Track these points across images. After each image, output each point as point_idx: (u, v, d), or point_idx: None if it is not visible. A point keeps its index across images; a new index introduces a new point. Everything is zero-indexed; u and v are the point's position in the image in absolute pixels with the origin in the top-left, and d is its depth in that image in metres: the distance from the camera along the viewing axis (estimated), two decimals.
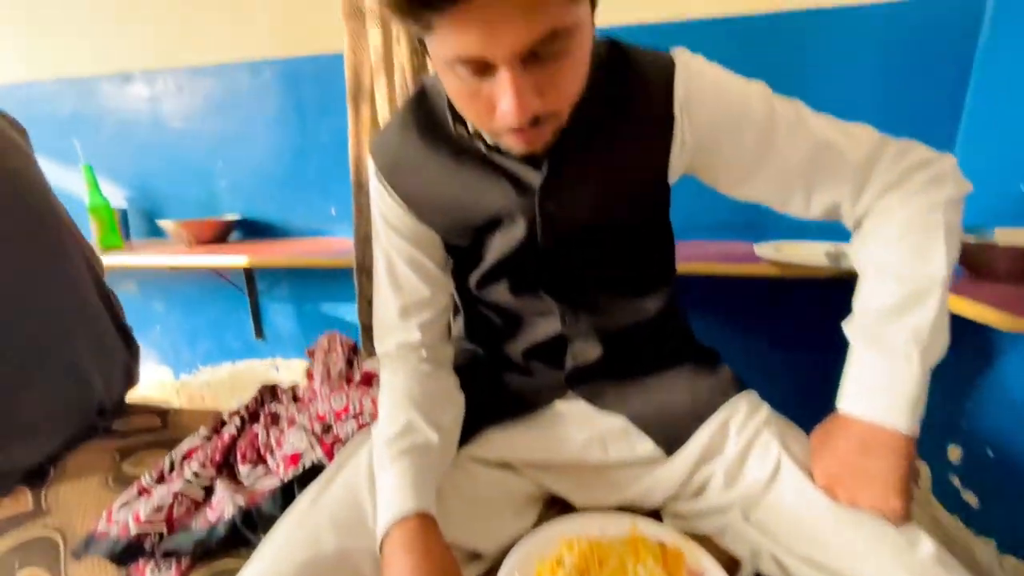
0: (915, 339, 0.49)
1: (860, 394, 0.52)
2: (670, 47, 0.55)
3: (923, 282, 0.50)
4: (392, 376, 0.63)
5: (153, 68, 1.50)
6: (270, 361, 1.71)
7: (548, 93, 0.43)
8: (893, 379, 0.49)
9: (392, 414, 0.58)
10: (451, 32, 0.39)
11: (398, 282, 0.63)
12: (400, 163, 0.58)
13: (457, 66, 0.41)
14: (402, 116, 0.59)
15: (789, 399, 1.32)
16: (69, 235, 0.85)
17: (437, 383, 0.64)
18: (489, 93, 0.42)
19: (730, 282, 1.11)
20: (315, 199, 1.50)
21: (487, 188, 0.56)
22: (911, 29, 1.05)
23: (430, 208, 0.59)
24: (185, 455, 0.73)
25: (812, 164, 0.53)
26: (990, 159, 1.00)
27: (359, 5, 0.89)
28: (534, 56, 0.40)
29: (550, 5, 0.38)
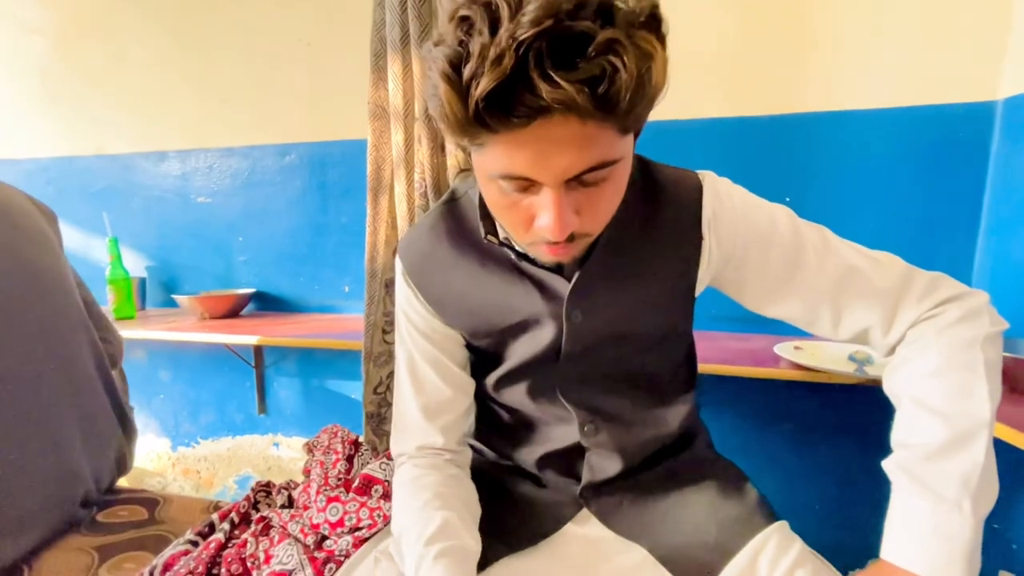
0: (965, 486, 0.45)
1: (910, 543, 0.47)
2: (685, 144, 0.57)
3: (967, 423, 0.47)
4: (417, 474, 0.60)
5: (188, 148, 1.58)
6: (271, 437, 1.66)
7: (586, 214, 0.44)
8: (946, 531, 0.45)
9: (424, 513, 0.54)
10: (502, 151, 0.40)
11: (420, 382, 0.62)
12: (428, 265, 0.59)
13: (501, 180, 0.43)
14: (432, 219, 0.60)
15: (811, 509, 1.23)
16: (80, 325, 0.85)
17: (465, 490, 0.61)
18: (528, 206, 0.44)
19: (748, 381, 1.06)
20: (330, 276, 1.51)
21: (515, 293, 0.57)
22: (924, 134, 1.06)
23: (456, 311, 0.60)
24: (166, 564, 0.68)
25: (839, 288, 0.53)
26: (1015, 267, 0.98)
27: (384, 106, 0.94)
28: (578, 180, 0.42)
29: (601, 140, 0.40)
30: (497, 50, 0.34)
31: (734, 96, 1.15)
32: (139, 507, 0.92)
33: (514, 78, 0.35)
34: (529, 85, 0.35)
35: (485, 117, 0.37)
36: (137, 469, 1.79)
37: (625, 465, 0.62)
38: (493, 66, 0.35)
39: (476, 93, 0.36)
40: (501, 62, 0.34)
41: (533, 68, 0.35)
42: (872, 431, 1.13)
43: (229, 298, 1.45)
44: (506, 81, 0.35)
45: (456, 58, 0.37)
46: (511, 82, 0.35)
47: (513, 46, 0.34)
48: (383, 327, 1.01)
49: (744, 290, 0.58)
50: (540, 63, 0.35)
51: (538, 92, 0.35)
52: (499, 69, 0.35)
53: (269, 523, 0.71)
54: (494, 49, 0.35)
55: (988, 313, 0.51)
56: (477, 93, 0.36)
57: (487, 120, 0.37)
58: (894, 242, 1.10)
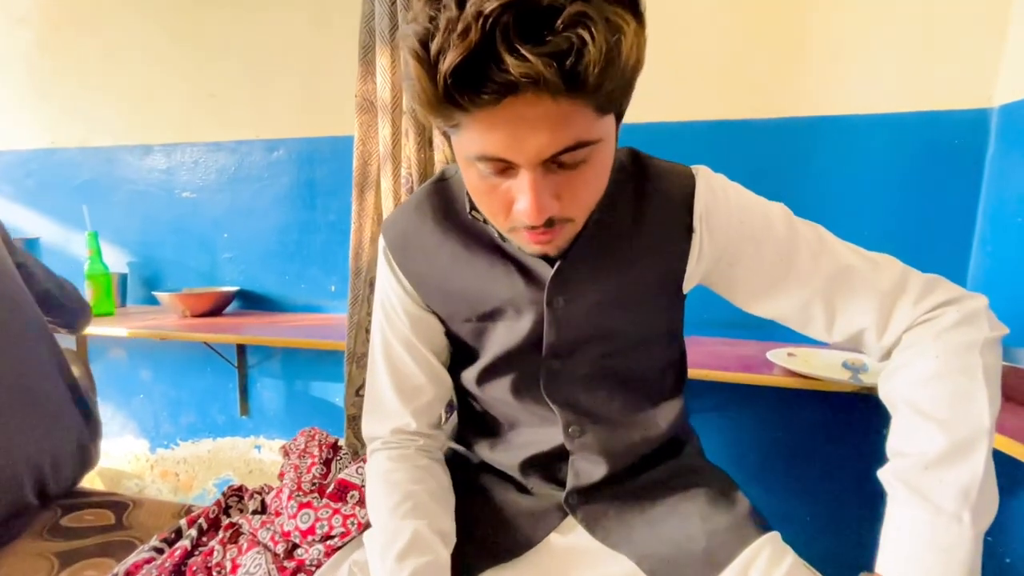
0: (965, 498, 0.43)
1: (906, 556, 0.44)
2: (681, 145, 0.56)
3: (966, 431, 0.45)
4: (389, 468, 0.58)
5: (174, 142, 1.55)
6: (253, 439, 1.62)
7: (565, 198, 0.43)
8: (945, 543, 0.43)
9: (394, 521, 0.53)
10: (477, 132, 0.40)
11: (394, 365, 0.61)
12: (411, 243, 0.58)
13: (479, 163, 0.42)
14: (418, 198, 0.59)
15: (802, 517, 1.21)
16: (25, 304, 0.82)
17: (436, 481, 0.59)
18: (507, 191, 0.43)
19: (740, 388, 1.04)
20: (316, 275, 1.48)
21: (497, 276, 0.55)
22: (918, 139, 1.05)
23: (437, 291, 0.59)
24: (128, 572, 0.65)
25: (834, 287, 0.52)
26: (1010, 275, 0.97)
27: (372, 100, 0.91)
28: (555, 162, 0.41)
29: (577, 118, 0.39)
30: (464, 24, 0.34)
31: (731, 99, 1.14)
32: (107, 511, 0.89)
33: (481, 52, 0.34)
34: (496, 60, 0.34)
35: (454, 94, 0.36)
36: (114, 471, 1.74)
37: (611, 470, 0.60)
38: (459, 40, 0.34)
39: (443, 68, 0.35)
40: (467, 36, 0.34)
41: (500, 42, 0.34)
42: (867, 440, 1.11)
43: (212, 296, 1.41)
44: (472, 55, 0.34)
45: (425, 35, 0.36)
46: (478, 56, 0.34)
47: (479, 20, 0.33)
48: (367, 327, 0.98)
49: (736, 287, 0.57)
50: (507, 37, 0.34)
51: (505, 67, 0.34)
52: (465, 43, 0.34)
53: (239, 530, 0.68)
54: (461, 23, 0.34)
55: (987, 317, 0.49)
56: (444, 68, 0.35)
57: (456, 97, 0.36)
58: (889, 246, 1.06)
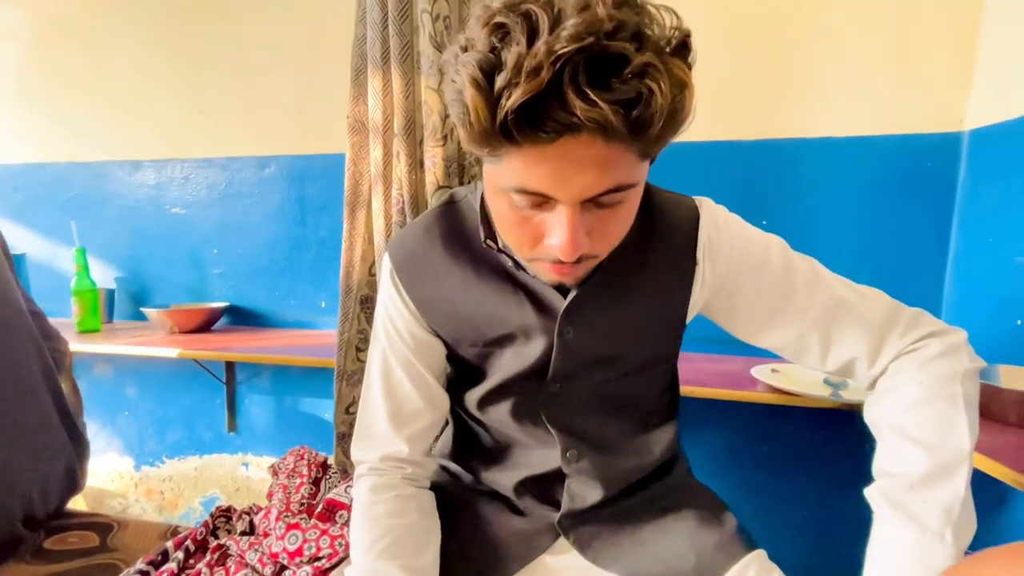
0: (947, 517, 0.45)
1: (892, 573, 0.46)
2: (666, 167, 0.57)
3: (949, 454, 0.47)
4: (371, 501, 0.57)
5: (164, 157, 1.55)
6: (240, 457, 1.60)
7: (596, 236, 0.44)
8: (929, 561, 0.44)
9: (368, 562, 0.53)
10: (521, 165, 0.39)
11: (391, 389, 0.60)
12: (418, 265, 0.58)
13: (515, 194, 0.41)
14: (427, 221, 0.59)
15: (787, 534, 1.22)
16: (26, 335, 0.81)
17: (419, 512, 0.59)
18: (540, 223, 0.43)
19: (724, 404, 1.06)
20: (307, 291, 1.48)
21: (508, 304, 0.55)
22: (894, 161, 1.09)
23: (444, 315, 0.58)
24: None
25: (829, 318, 0.54)
26: (984, 296, 1.00)
27: (363, 121, 0.93)
28: (594, 202, 0.41)
29: (622, 162, 0.39)
30: (534, 61, 0.33)
31: (716, 121, 1.17)
32: (91, 533, 0.87)
33: (548, 92, 0.34)
34: (562, 101, 0.34)
35: (512, 129, 0.36)
36: (96, 490, 1.71)
37: (606, 494, 0.60)
38: (529, 77, 0.34)
39: (507, 104, 0.35)
40: (538, 74, 0.33)
41: (568, 84, 0.34)
42: (848, 457, 1.13)
43: (200, 312, 1.41)
44: (540, 95, 0.34)
45: (488, 65, 0.35)
46: (544, 96, 0.34)
47: (551, 59, 0.33)
48: (357, 345, 0.99)
49: (736, 318, 0.59)
50: (575, 79, 0.34)
51: (571, 108, 0.34)
52: (535, 81, 0.34)
53: (226, 552, 0.67)
54: (530, 60, 0.33)
55: (967, 350, 0.52)
56: (508, 104, 0.35)
57: (514, 132, 0.36)
58: (866, 266, 1.12)
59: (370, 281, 0.98)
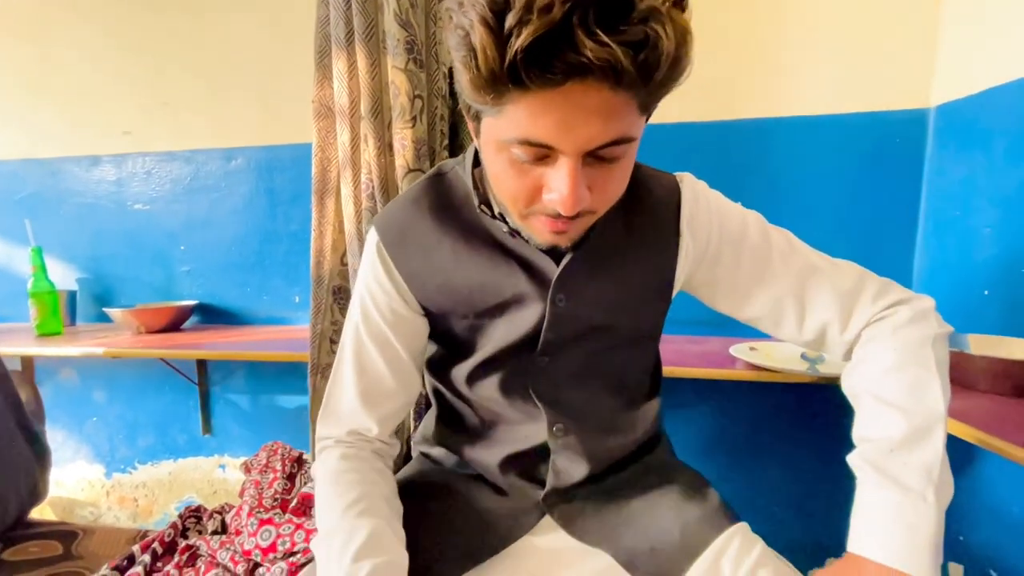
0: (928, 476, 0.46)
1: (876, 535, 0.46)
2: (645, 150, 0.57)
3: (924, 416, 0.48)
4: (343, 468, 0.56)
5: (124, 152, 1.49)
6: (216, 459, 1.56)
7: (596, 192, 0.44)
8: (911, 520, 0.45)
9: (348, 520, 0.50)
10: (525, 114, 0.39)
11: (363, 367, 0.59)
12: (407, 238, 0.57)
13: (516, 147, 0.41)
14: (415, 193, 0.58)
15: (769, 508, 1.24)
16: None
17: (389, 488, 0.58)
18: (538, 177, 0.43)
19: (705, 384, 1.07)
20: (279, 286, 1.44)
21: (499, 273, 0.55)
22: (863, 138, 1.11)
23: (434, 287, 0.57)
24: None
25: (803, 285, 0.56)
26: (952, 268, 1.02)
27: (329, 105, 0.90)
28: (595, 155, 0.41)
29: (625, 113, 0.40)
30: (546, 0, 0.33)
31: (686, 102, 1.17)
32: (53, 542, 0.83)
33: (559, 31, 0.34)
34: (572, 42, 0.34)
35: (521, 70, 0.35)
36: (66, 500, 1.65)
37: (592, 470, 0.60)
38: (540, 15, 0.33)
39: (517, 43, 0.34)
40: (550, 11, 0.33)
41: (578, 24, 0.34)
42: (826, 429, 1.15)
43: (168, 310, 1.36)
44: (550, 33, 0.34)
45: (498, 5, 0.35)
46: (555, 35, 0.34)
47: None
48: (331, 337, 0.96)
49: (717, 291, 0.60)
50: (586, 20, 0.34)
51: (581, 49, 0.34)
52: (547, 19, 0.33)
53: (196, 552, 0.65)
54: None
55: (935, 316, 0.54)
56: (519, 43, 0.34)
57: (522, 74, 0.36)
58: (839, 241, 1.14)
59: (342, 271, 0.95)
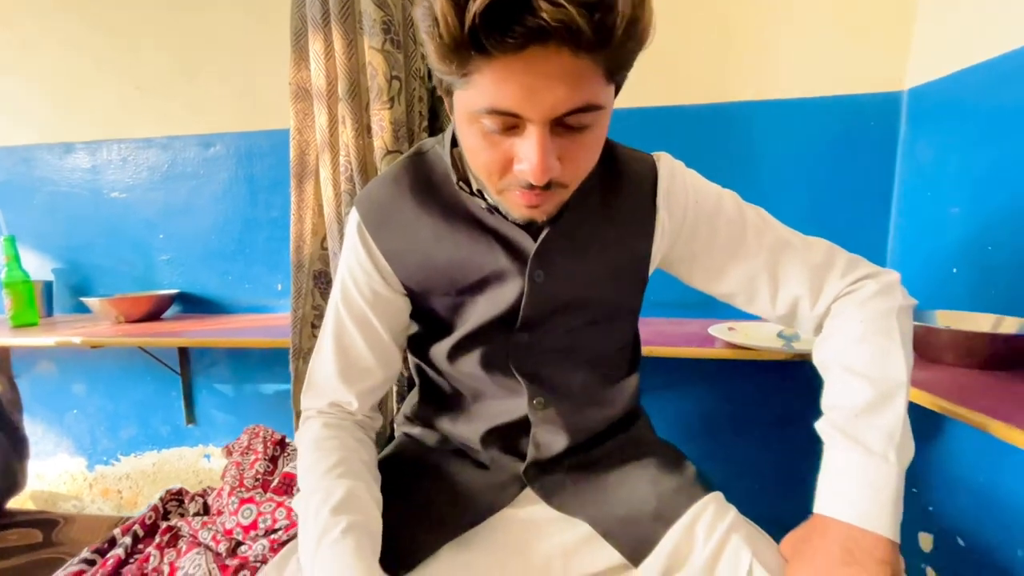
0: (889, 439, 0.48)
1: (840, 495, 0.48)
2: (618, 133, 0.59)
3: (888, 384, 0.51)
4: (324, 435, 0.57)
5: (98, 139, 1.45)
6: (201, 449, 1.55)
7: (566, 162, 0.44)
8: (874, 479, 0.47)
9: (328, 480, 0.52)
10: (490, 82, 0.39)
11: (343, 347, 0.60)
12: (388, 216, 0.57)
13: (485, 118, 0.42)
14: (395, 171, 0.58)
15: (747, 485, 1.27)
16: None
17: (369, 456, 0.59)
18: (509, 148, 0.43)
19: (684, 365, 1.09)
20: (261, 274, 1.43)
21: (479, 251, 0.56)
22: (837, 121, 1.12)
23: (415, 265, 0.58)
24: None
25: (776, 261, 0.58)
26: (923, 246, 1.05)
27: (306, 87, 0.89)
28: (563, 124, 0.42)
29: (590, 79, 0.40)
30: None
31: (664, 85, 1.18)
32: (33, 530, 0.83)
33: None
34: (528, 5, 0.35)
35: (481, 35, 0.36)
36: (47, 493, 1.63)
37: (571, 442, 0.61)
38: None
39: (475, 7, 0.35)
40: None
41: None
42: (801, 405, 1.17)
43: (148, 299, 1.34)
44: None
45: None
46: (511, 0, 0.35)
47: None
48: (312, 321, 0.96)
49: (694, 267, 0.61)
50: None
51: (538, 12, 0.35)
52: None
53: (178, 533, 0.65)
54: None
55: (900, 290, 0.57)
56: (476, 7, 0.35)
57: (482, 39, 0.36)
58: (814, 224, 1.14)
59: (322, 255, 0.95)
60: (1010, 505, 0.85)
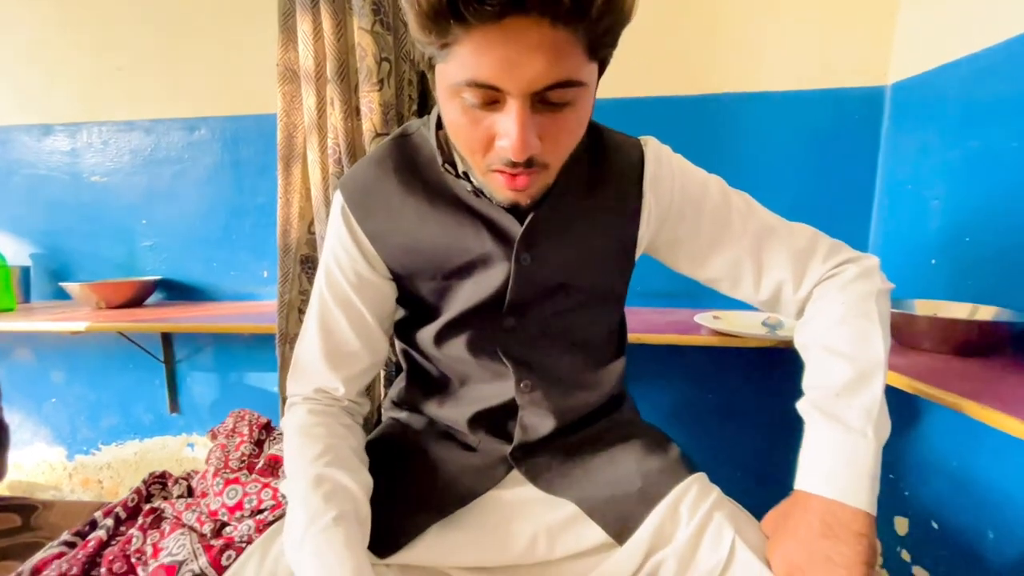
0: (868, 416, 0.50)
1: (820, 471, 0.50)
2: (610, 124, 0.60)
3: (867, 364, 0.52)
4: (311, 422, 0.56)
5: (78, 121, 1.42)
6: (184, 438, 1.53)
7: (547, 141, 0.44)
8: (852, 456, 0.49)
9: (316, 469, 0.51)
10: (470, 54, 0.39)
11: (328, 330, 0.59)
12: (372, 199, 0.56)
13: (465, 92, 0.41)
14: (380, 153, 0.58)
15: (730, 465, 1.29)
16: None
17: (357, 442, 0.59)
18: (490, 125, 0.43)
19: (668, 348, 1.10)
20: (246, 261, 1.41)
21: (465, 234, 0.55)
22: (821, 115, 1.14)
23: (400, 249, 0.57)
24: (35, 569, 0.60)
25: (760, 246, 0.59)
26: (903, 238, 1.07)
27: (294, 69, 0.88)
28: (543, 100, 0.41)
29: (571, 53, 0.40)
30: None
31: (651, 77, 1.18)
32: (11, 515, 0.81)
33: None
34: None
35: (459, 3, 0.36)
36: (25, 483, 1.60)
37: (558, 425, 0.62)
38: None
39: None
40: None
41: None
42: (783, 391, 1.20)
43: (130, 285, 1.32)
44: None
45: None
46: None
47: None
48: (299, 307, 0.95)
49: (679, 251, 0.62)
50: None
51: None
52: None
53: (161, 515, 0.64)
54: None
55: (879, 274, 0.58)
56: None
57: (460, 6, 0.36)
58: (800, 215, 1.14)
59: (309, 239, 0.94)
60: (981, 488, 0.88)
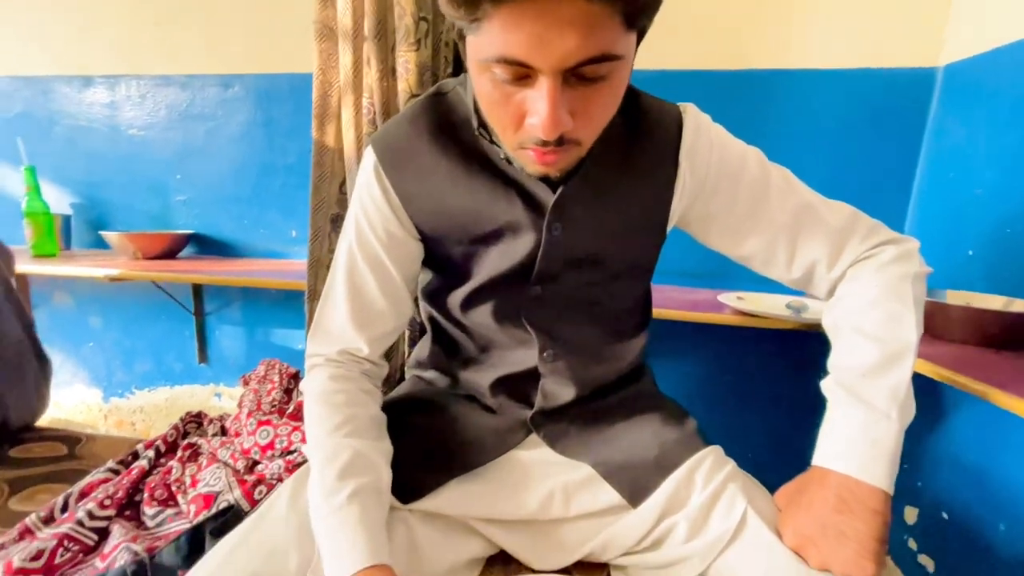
0: (893, 397, 0.49)
1: (841, 448, 0.50)
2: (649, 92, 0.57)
3: (898, 345, 0.51)
4: (331, 388, 0.56)
5: (117, 73, 1.45)
6: (212, 388, 1.59)
7: (579, 117, 0.42)
8: (874, 435, 0.49)
9: (334, 441, 0.52)
10: (502, 29, 0.37)
11: (356, 288, 0.58)
12: (405, 158, 0.55)
13: (496, 67, 0.40)
14: (413, 112, 0.56)
15: (745, 447, 1.30)
16: None
17: (376, 408, 0.59)
18: (521, 102, 0.41)
19: (690, 327, 1.10)
20: (276, 220, 1.44)
21: (496, 199, 0.54)
22: (868, 95, 1.10)
23: (430, 211, 0.56)
24: (83, 492, 0.64)
25: (796, 223, 0.57)
26: (941, 226, 1.04)
27: (332, 26, 0.88)
28: (576, 75, 0.39)
29: (606, 27, 0.38)
30: None
31: (694, 50, 1.15)
32: (58, 444, 0.87)
33: None
34: None
35: None
36: (63, 421, 1.69)
37: (578, 394, 0.62)
38: None
39: None
40: None
41: None
42: (805, 374, 1.20)
43: (165, 237, 1.36)
44: None
45: None
46: None
47: None
48: (327, 264, 0.97)
49: (711, 226, 0.60)
50: None
51: None
52: None
53: (198, 450, 0.68)
54: None
55: (918, 257, 0.57)
56: None
57: None
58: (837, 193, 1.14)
59: (340, 199, 0.96)
60: (998, 481, 0.88)
